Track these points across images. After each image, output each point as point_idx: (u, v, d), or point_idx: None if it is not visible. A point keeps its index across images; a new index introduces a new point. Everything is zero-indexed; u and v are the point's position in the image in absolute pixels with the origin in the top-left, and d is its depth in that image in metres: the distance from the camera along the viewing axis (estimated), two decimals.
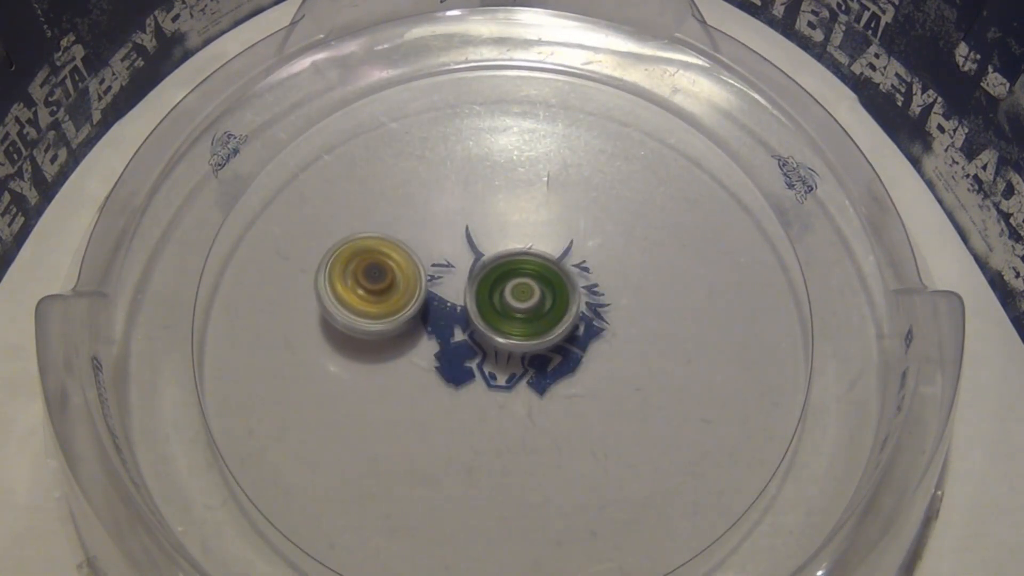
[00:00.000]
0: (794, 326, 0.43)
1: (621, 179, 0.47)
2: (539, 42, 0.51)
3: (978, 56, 0.43)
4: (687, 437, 0.41)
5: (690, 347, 0.43)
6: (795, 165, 0.46)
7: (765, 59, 0.47)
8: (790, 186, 0.46)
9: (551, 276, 0.42)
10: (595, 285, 0.44)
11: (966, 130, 0.45)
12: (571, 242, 0.45)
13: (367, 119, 0.49)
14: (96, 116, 0.49)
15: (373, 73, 0.50)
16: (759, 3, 0.53)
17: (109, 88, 0.49)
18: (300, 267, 0.45)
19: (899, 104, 0.49)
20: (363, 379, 0.42)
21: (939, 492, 0.39)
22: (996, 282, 0.45)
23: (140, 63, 0.50)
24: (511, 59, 0.51)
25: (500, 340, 0.41)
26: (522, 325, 0.41)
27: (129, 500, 0.36)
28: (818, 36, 0.52)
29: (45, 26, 0.44)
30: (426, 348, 0.43)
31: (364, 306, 0.41)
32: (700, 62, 0.49)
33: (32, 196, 0.46)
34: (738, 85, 0.48)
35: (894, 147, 0.49)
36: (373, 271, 0.41)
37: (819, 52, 0.52)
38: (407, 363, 0.42)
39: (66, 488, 0.38)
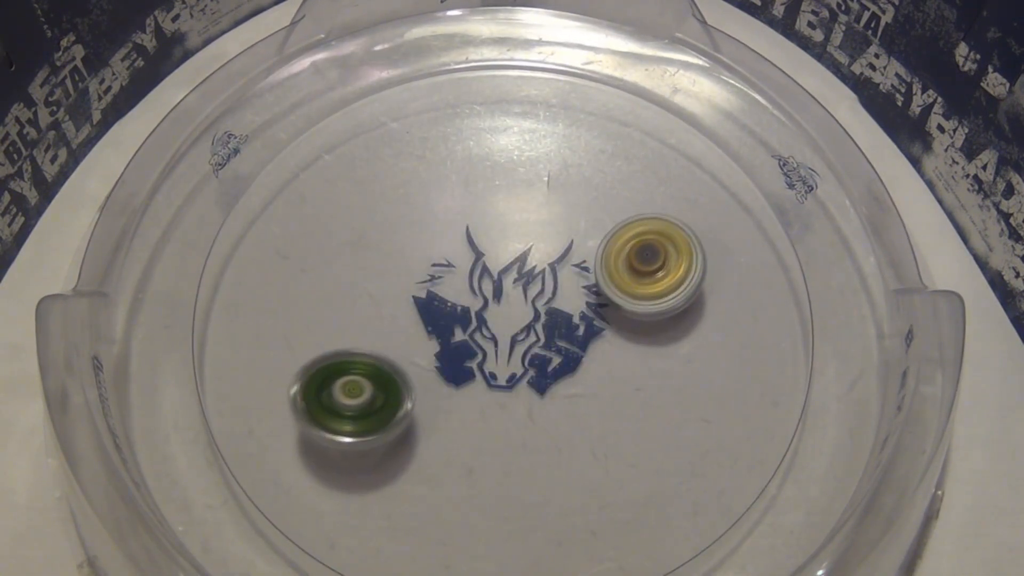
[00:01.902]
0: (794, 326, 0.43)
1: (621, 179, 0.47)
2: (539, 42, 0.51)
3: (978, 56, 0.43)
4: (687, 437, 0.41)
5: (690, 347, 0.43)
6: (795, 165, 0.46)
7: (765, 59, 0.47)
8: (790, 186, 0.46)
9: (382, 375, 0.40)
10: (595, 285, 0.44)
11: (966, 130, 0.45)
12: (571, 242, 0.45)
13: (367, 119, 0.49)
14: (96, 116, 0.49)
15: (373, 73, 0.50)
16: (759, 3, 0.53)
17: (109, 88, 0.49)
18: (300, 267, 0.45)
19: (899, 104, 0.49)
20: None
21: (939, 492, 0.39)
22: (996, 282, 0.45)
23: (140, 63, 0.50)
24: (511, 59, 0.51)
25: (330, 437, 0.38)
26: (352, 423, 0.38)
27: (129, 500, 0.36)
28: (818, 36, 0.52)
29: (45, 26, 0.44)
30: (426, 348, 0.43)
31: (637, 288, 0.42)
32: (700, 62, 0.49)
33: (32, 196, 0.46)
34: (738, 85, 0.48)
35: (894, 147, 0.49)
36: (646, 252, 0.42)
37: (819, 52, 0.52)
38: (407, 363, 0.42)
39: (66, 488, 0.38)
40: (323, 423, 0.38)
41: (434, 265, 0.45)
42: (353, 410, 0.38)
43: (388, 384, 0.39)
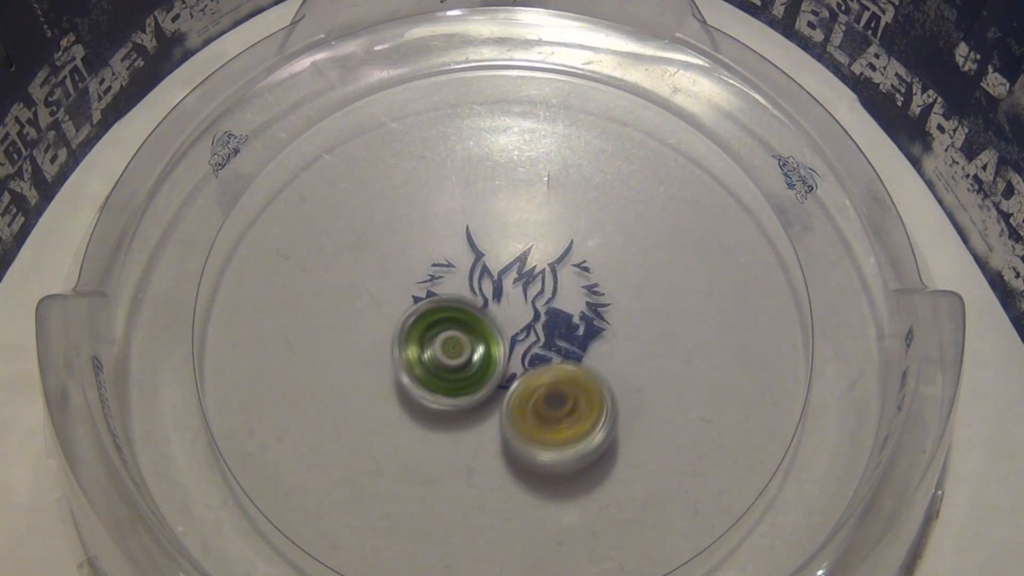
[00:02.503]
0: (794, 326, 0.43)
1: (621, 179, 0.47)
2: (539, 42, 0.51)
3: (978, 56, 0.43)
4: (687, 437, 0.41)
5: (690, 347, 0.43)
6: (795, 165, 0.46)
7: (765, 59, 0.47)
8: (790, 186, 0.46)
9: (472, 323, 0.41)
10: (595, 285, 0.44)
11: (966, 130, 0.45)
12: (571, 242, 0.45)
13: (367, 119, 0.49)
14: (96, 116, 0.49)
15: (373, 73, 0.50)
16: (759, 3, 0.53)
17: (109, 88, 0.49)
18: (300, 267, 0.45)
19: (899, 104, 0.49)
20: (363, 379, 0.42)
21: (939, 492, 0.39)
22: (996, 282, 0.45)
23: (140, 63, 0.50)
24: (511, 59, 0.51)
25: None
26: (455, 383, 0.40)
27: (129, 500, 0.36)
28: (818, 36, 0.52)
29: (45, 26, 0.44)
30: None
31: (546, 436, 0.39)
32: (700, 62, 0.49)
33: (32, 196, 0.46)
34: (738, 85, 0.48)
35: (894, 147, 0.49)
36: (553, 398, 0.39)
37: (819, 52, 0.52)
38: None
39: (66, 488, 0.38)
40: (432, 386, 0.40)
41: (434, 265, 0.45)
42: (457, 369, 0.40)
43: (477, 329, 0.41)
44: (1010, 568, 0.39)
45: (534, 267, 0.45)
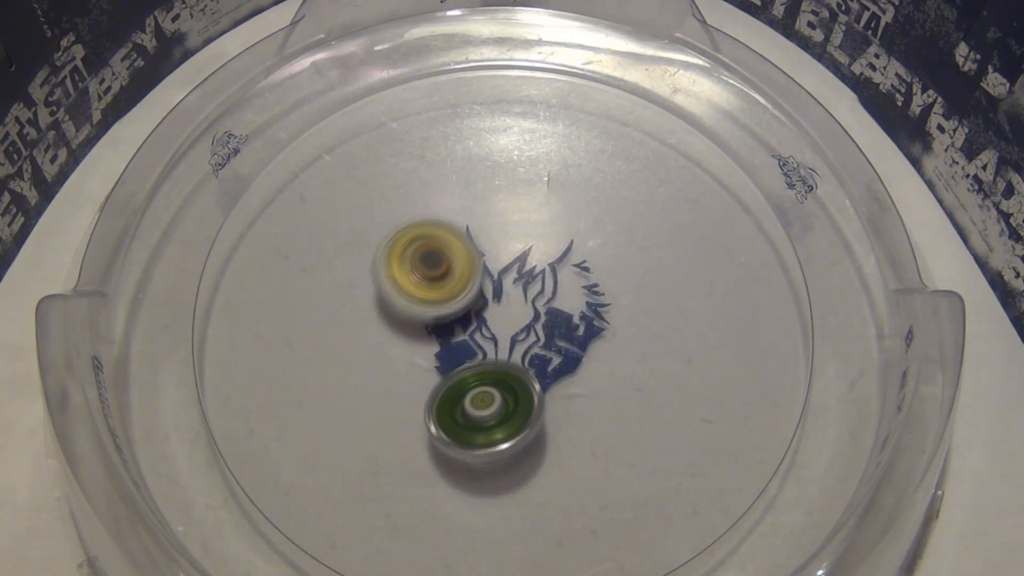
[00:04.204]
0: (794, 326, 0.43)
1: (621, 179, 0.47)
2: (539, 42, 0.51)
3: (978, 56, 0.43)
4: (687, 437, 0.41)
5: (690, 347, 0.43)
6: (795, 165, 0.46)
7: (765, 59, 0.47)
8: (790, 186, 0.46)
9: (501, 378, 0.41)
10: (595, 285, 0.44)
11: (966, 130, 0.45)
12: (571, 242, 0.45)
13: (367, 119, 0.49)
14: (96, 116, 0.49)
15: (373, 73, 0.50)
16: (759, 3, 0.53)
17: (109, 88, 0.49)
18: (300, 267, 0.45)
19: (899, 104, 0.49)
20: (363, 379, 0.42)
21: (939, 492, 0.39)
22: (996, 282, 0.45)
23: (140, 63, 0.50)
24: (511, 59, 0.51)
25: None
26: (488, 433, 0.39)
27: (129, 500, 0.36)
28: (818, 36, 0.52)
29: (45, 26, 0.44)
30: (426, 348, 0.43)
31: (420, 292, 0.42)
32: (700, 62, 0.49)
33: (32, 196, 0.46)
34: (738, 85, 0.48)
35: (894, 147, 0.49)
36: (430, 258, 0.42)
37: (819, 52, 0.52)
38: (407, 363, 0.42)
39: (66, 488, 0.38)
40: (471, 441, 0.38)
41: None
42: (492, 419, 0.39)
43: (512, 385, 0.40)
44: (1010, 568, 0.39)
45: (534, 267, 0.45)
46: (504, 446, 0.38)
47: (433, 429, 0.39)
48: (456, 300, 0.42)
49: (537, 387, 0.40)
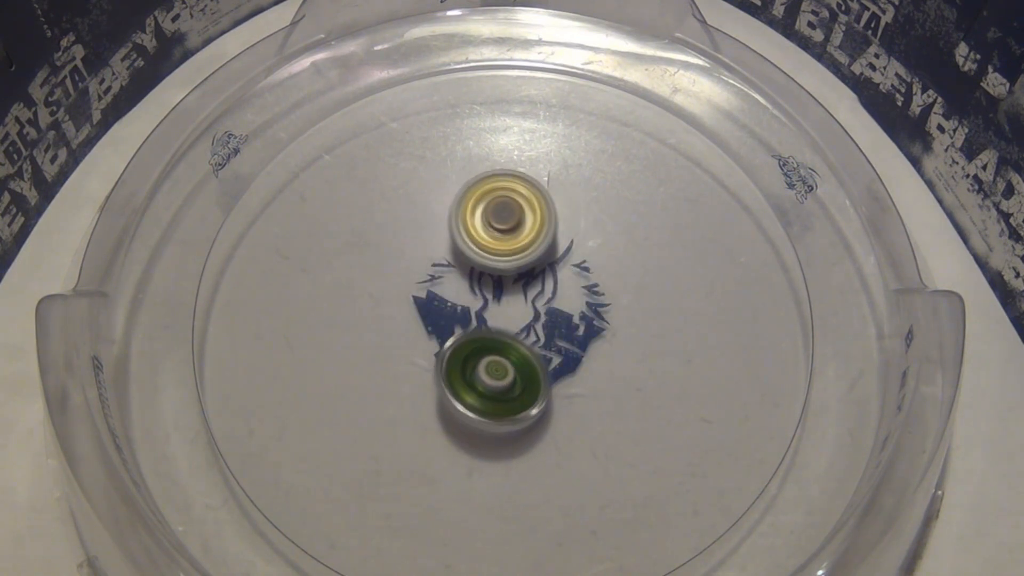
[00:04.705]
0: (794, 326, 0.43)
1: (621, 179, 0.47)
2: (539, 42, 0.51)
3: (978, 56, 0.43)
4: (687, 437, 0.41)
5: (690, 347, 0.43)
6: (795, 165, 0.46)
7: (765, 59, 0.47)
8: (790, 186, 0.46)
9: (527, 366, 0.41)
10: (595, 285, 0.44)
11: (966, 130, 0.45)
12: (571, 242, 0.45)
13: (367, 119, 0.49)
14: (96, 116, 0.49)
15: (373, 73, 0.50)
16: (759, 3, 0.53)
17: (109, 88, 0.49)
18: (300, 267, 0.45)
19: (899, 104, 0.49)
20: (363, 379, 0.42)
21: (939, 492, 0.39)
22: (996, 282, 0.45)
23: (140, 63, 0.50)
24: (511, 59, 0.51)
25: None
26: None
27: (129, 500, 0.36)
28: (818, 36, 0.52)
29: (45, 26, 0.44)
30: (426, 348, 0.43)
31: (494, 244, 0.43)
32: (700, 62, 0.49)
33: (32, 196, 0.46)
34: (738, 85, 0.48)
35: (894, 147, 0.49)
36: (502, 210, 0.43)
37: (819, 52, 0.52)
38: (407, 363, 0.42)
39: (66, 488, 0.38)
40: (457, 392, 0.39)
41: (434, 265, 0.45)
42: (489, 391, 0.40)
43: (529, 376, 0.41)
44: (1010, 568, 0.39)
45: (534, 267, 0.45)
46: (535, 411, 0.39)
47: (462, 407, 0.39)
48: (522, 255, 0.43)
49: (529, 349, 0.41)
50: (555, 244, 0.44)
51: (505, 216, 0.43)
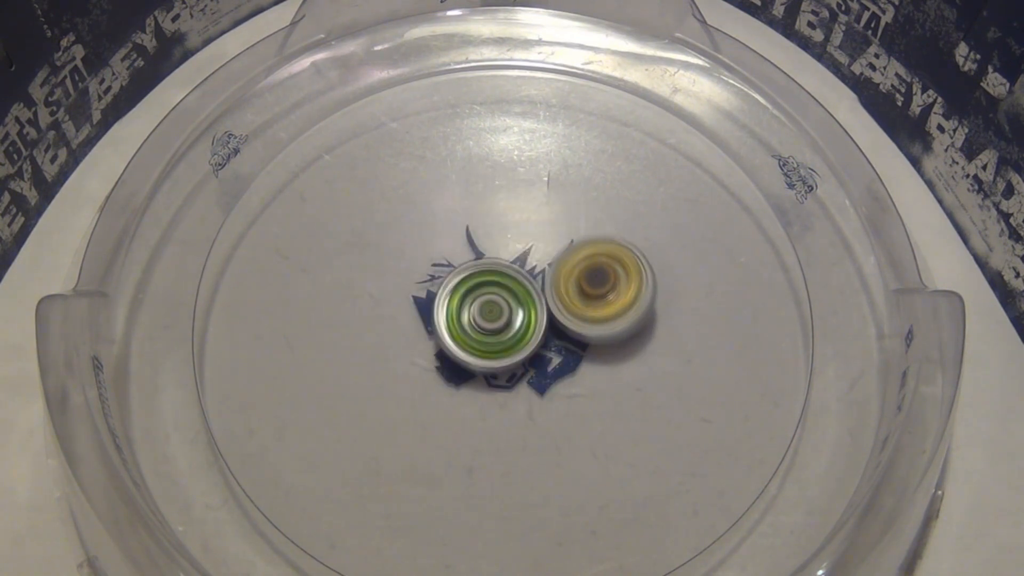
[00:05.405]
0: (794, 326, 0.43)
1: (621, 179, 0.47)
2: (539, 42, 0.51)
3: (978, 56, 0.43)
4: (687, 437, 0.41)
5: (690, 347, 0.43)
6: (795, 165, 0.46)
7: (765, 59, 0.47)
8: (790, 186, 0.46)
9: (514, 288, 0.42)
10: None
11: (966, 130, 0.45)
12: (571, 242, 0.45)
13: (367, 119, 0.49)
14: (96, 116, 0.49)
15: (373, 73, 0.50)
16: (759, 3, 0.53)
17: (109, 88, 0.49)
18: (300, 267, 0.45)
19: (899, 104, 0.49)
20: (363, 379, 0.42)
21: (939, 492, 0.39)
22: (996, 282, 0.45)
23: (140, 63, 0.50)
24: (511, 59, 0.51)
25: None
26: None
27: (129, 500, 0.36)
28: (818, 36, 0.52)
29: (45, 26, 0.44)
30: (426, 348, 0.43)
31: (582, 310, 0.41)
32: (700, 62, 0.49)
33: (32, 196, 0.46)
34: (738, 85, 0.48)
35: (894, 147, 0.49)
36: (595, 276, 0.42)
37: (819, 52, 0.52)
38: (407, 363, 0.42)
39: (66, 488, 0.38)
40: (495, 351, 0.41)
41: (434, 265, 0.45)
42: (505, 324, 0.41)
43: (524, 299, 0.42)
44: (1010, 568, 0.39)
45: (534, 267, 0.45)
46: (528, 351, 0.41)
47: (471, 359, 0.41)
48: (618, 320, 0.41)
49: (522, 276, 0.42)
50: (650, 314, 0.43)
51: (599, 281, 0.41)
